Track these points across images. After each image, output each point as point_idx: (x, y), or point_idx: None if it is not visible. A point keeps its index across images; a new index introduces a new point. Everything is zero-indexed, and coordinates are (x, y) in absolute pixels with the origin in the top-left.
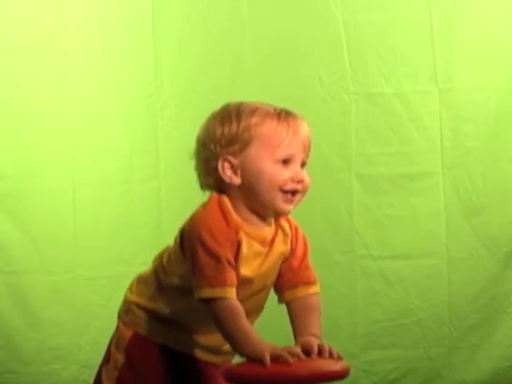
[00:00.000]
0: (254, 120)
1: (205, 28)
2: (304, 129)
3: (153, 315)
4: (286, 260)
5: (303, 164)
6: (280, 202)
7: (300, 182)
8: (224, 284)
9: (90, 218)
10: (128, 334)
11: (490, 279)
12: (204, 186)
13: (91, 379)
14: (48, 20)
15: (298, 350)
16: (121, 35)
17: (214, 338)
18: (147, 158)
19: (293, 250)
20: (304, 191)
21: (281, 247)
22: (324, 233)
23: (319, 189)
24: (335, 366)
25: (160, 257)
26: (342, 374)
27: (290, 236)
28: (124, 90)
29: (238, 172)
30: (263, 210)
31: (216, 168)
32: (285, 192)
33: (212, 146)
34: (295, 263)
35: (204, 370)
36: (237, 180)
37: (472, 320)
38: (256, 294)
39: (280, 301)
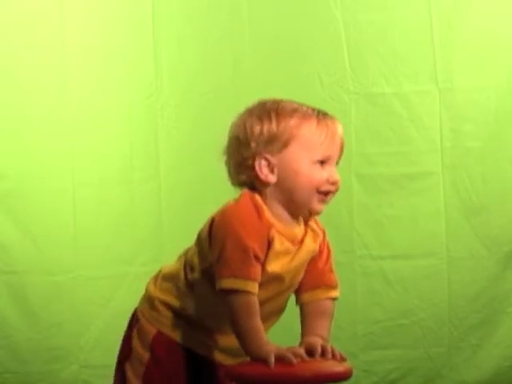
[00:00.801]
0: (293, 121)
1: (205, 28)
2: (340, 130)
3: (178, 314)
4: (313, 260)
5: (337, 163)
6: (315, 202)
7: (335, 183)
8: (247, 277)
9: (90, 218)
10: (152, 331)
11: (490, 279)
12: (235, 182)
13: (91, 379)
14: (48, 20)
15: (302, 350)
16: (121, 35)
17: (234, 340)
18: (147, 158)
19: (321, 251)
20: (336, 191)
21: (311, 245)
22: None
23: None
24: (338, 368)
25: (186, 253)
26: (345, 376)
27: (319, 236)
28: (124, 90)
29: (275, 170)
30: (296, 209)
31: (252, 165)
32: (320, 192)
33: (251, 143)
34: (320, 264)
35: (220, 374)
36: (272, 178)
37: (472, 320)
38: (284, 292)
39: (298, 302)
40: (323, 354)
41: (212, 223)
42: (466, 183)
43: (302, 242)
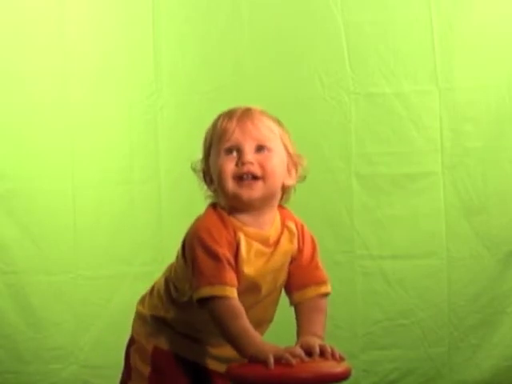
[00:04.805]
0: (216, 121)
1: (205, 28)
2: (255, 117)
3: (170, 327)
4: (294, 260)
5: (260, 148)
6: (236, 188)
7: (245, 163)
8: (224, 283)
9: (89, 218)
10: (149, 347)
11: (490, 279)
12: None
13: (91, 379)
14: (48, 20)
15: (300, 350)
16: (121, 35)
17: (227, 350)
18: (147, 158)
19: (300, 250)
20: (263, 175)
21: (287, 246)
22: (324, 233)
23: (319, 189)
24: (337, 368)
25: (169, 269)
26: (344, 376)
27: (296, 235)
28: (124, 90)
29: (210, 178)
30: (234, 204)
31: (204, 179)
32: (236, 178)
33: (202, 162)
34: (304, 263)
35: (215, 381)
36: (212, 187)
37: (472, 320)
38: (264, 299)
39: (291, 303)
40: (322, 353)
41: (184, 242)
42: (466, 183)
43: (277, 243)
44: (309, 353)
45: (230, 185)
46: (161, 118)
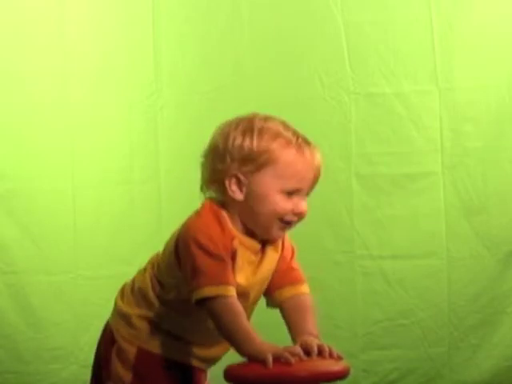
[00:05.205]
0: (273, 145)
1: (205, 28)
2: (317, 161)
3: (156, 326)
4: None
5: (308, 194)
6: (275, 229)
7: (298, 214)
8: (227, 282)
9: (89, 218)
10: (132, 351)
11: (490, 279)
12: (204, 188)
13: None
14: (48, 20)
15: (299, 349)
16: (121, 35)
17: (212, 350)
18: (147, 158)
19: (280, 255)
20: (299, 221)
21: (273, 255)
22: (324, 233)
23: (319, 189)
24: (336, 367)
25: (152, 265)
26: (343, 374)
27: (279, 243)
28: (124, 90)
29: (244, 189)
30: (256, 230)
31: (223, 180)
32: (282, 221)
33: (227, 159)
34: (282, 266)
35: (194, 374)
36: (240, 196)
37: (472, 320)
38: (251, 305)
39: (269, 304)
40: (319, 353)
41: (177, 240)
42: (466, 183)
43: (263, 252)
44: (307, 352)
45: (273, 225)
46: (161, 117)
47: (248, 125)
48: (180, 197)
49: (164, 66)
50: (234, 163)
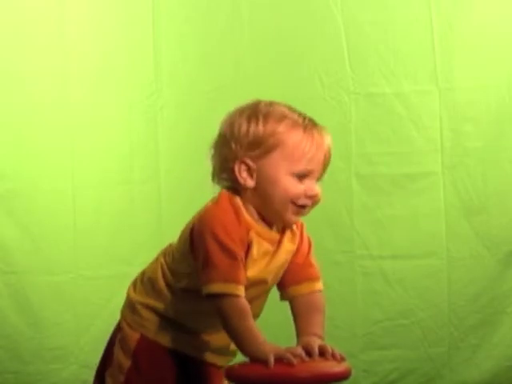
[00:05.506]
0: (280, 128)
1: (205, 27)
2: (327, 142)
3: (160, 316)
4: (291, 257)
5: (319, 178)
6: (289, 213)
7: (312, 197)
8: (237, 281)
9: (89, 218)
10: (134, 336)
11: (490, 279)
12: (216, 179)
13: (91, 379)
14: (48, 20)
15: (301, 350)
16: (121, 35)
17: (221, 338)
18: (147, 158)
19: (298, 248)
20: (314, 205)
21: (289, 246)
22: (324, 233)
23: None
24: (337, 368)
25: (164, 255)
26: (344, 376)
27: (297, 235)
28: (124, 90)
29: (254, 175)
30: (271, 217)
31: (232, 168)
32: (296, 205)
33: (233, 145)
34: (299, 260)
35: (208, 372)
36: (251, 183)
37: (472, 320)
38: (265, 293)
39: (282, 298)
40: (322, 353)
41: (192, 230)
42: (466, 183)
43: (280, 242)
44: (309, 353)
45: (287, 208)
46: (161, 118)
47: (253, 111)
48: (180, 197)
49: (164, 66)
50: (241, 149)
